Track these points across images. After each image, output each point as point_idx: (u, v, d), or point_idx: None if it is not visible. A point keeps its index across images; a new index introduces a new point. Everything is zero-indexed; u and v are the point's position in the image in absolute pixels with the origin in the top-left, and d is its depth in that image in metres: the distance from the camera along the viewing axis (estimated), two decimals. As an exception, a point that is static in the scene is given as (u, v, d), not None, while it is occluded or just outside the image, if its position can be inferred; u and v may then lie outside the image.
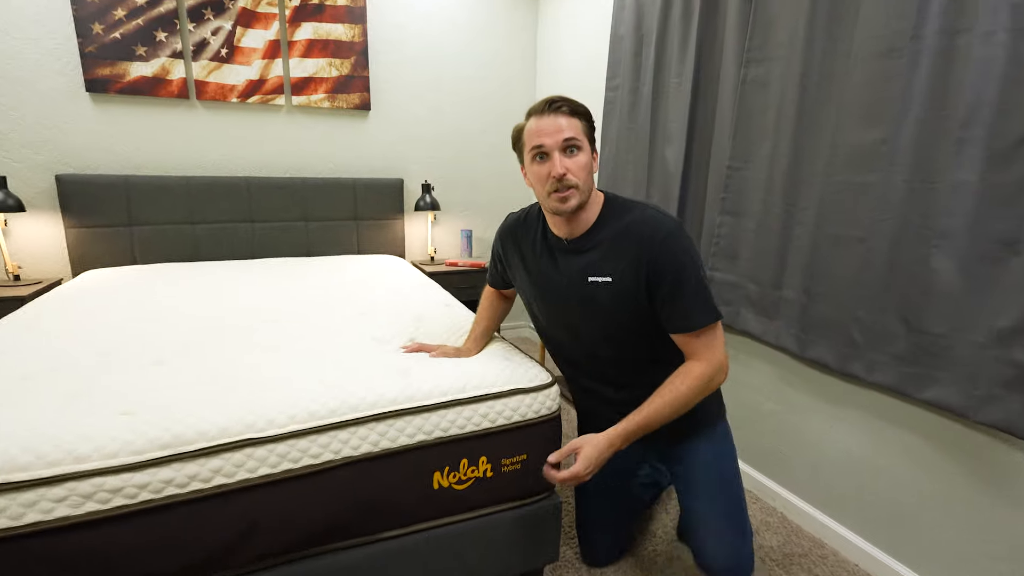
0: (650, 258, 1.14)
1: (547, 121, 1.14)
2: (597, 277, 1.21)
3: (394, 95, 3.00)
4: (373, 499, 1.14)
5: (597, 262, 1.21)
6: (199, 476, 0.98)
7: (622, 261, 1.17)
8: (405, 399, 1.16)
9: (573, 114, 1.15)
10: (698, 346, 1.17)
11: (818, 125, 1.59)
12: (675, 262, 1.14)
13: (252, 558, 1.05)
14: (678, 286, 1.14)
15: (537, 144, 1.15)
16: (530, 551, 1.35)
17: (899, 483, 1.49)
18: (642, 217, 1.18)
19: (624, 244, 1.18)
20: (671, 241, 1.14)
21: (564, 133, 1.13)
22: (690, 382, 1.16)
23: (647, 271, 1.15)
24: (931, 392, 1.35)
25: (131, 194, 2.50)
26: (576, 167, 1.14)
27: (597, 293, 1.21)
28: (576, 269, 1.24)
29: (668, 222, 1.16)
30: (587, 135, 1.16)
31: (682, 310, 1.16)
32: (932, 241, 1.33)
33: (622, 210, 1.22)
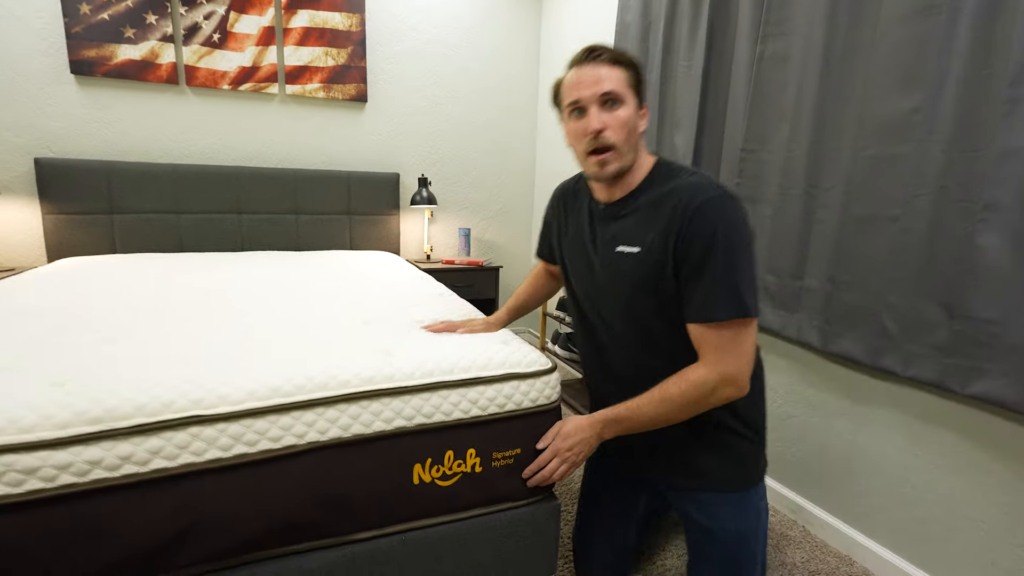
0: (681, 227, 0.97)
1: (585, 71, 1.00)
2: (625, 246, 1.06)
3: (391, 87, 2.91)
4: (342, 493, 0.98)
5: (629, 230, 1.06)
6: (134, 458, 0.84)
7: (653, 230, 1.01)
8: (383, 378, 1.02)
9: (615, 63, 1.00)
10: (708, 344, 0.97)
11: (844, 98, 1.47)
12: (707, 234, 0.95)
13: (194, 560, 0.90)
14: (703, 262, 0.95)
15: (573, 98, 1.01)
16: (523, 561, 1.18)
17: (940, 492, 1.33)
18: (685, 183, 1.01)
19: (659, 212, 1.01)
20: (708, 209, 0.95)
21: (602, 85, 0.98)
22: (683, 387, 0.98)
23: (675, 242, 0.98)
24: (979, 386, 1.20)
25: (113, 181, 2.39)
26: (615, 123, 0.99)
27: (623, 264, 1.06)
28: (608, 237, 1.10)
29: (711, 188, 0.98)
30: (632, 87, 1.01)
31: (700, 293, 0.96)
32: (977, 215, 1.19)
33: (670, 175, 1.05)
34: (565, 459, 1.09)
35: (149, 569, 0.87)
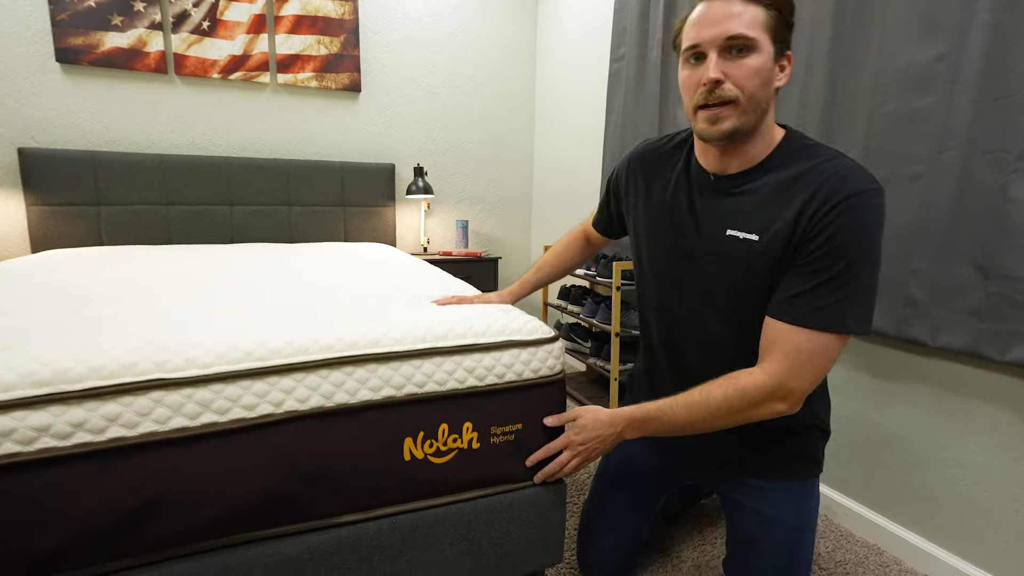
0: (817, 219, 0.79)
1: (714, 7, 0.81)
2: (739, 231, 0.87)
3: (386, 77, 2.84)
4: (325, 469, 0.89)
5: (746, 212, 0.88)
6: (87, 425, 0.74)
7: (780, 218, 0.83)
8: (368, 343, 0.92)
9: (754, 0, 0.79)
10: (781, 348, 0.81)
11: (858, 55, 1.39)
12: (844, 229, 0.78)
13: (158, 542, 0.80)
14: (825, 259, 0.79)
15: (693, 41, 0.82)
16: (526, 549, 1.08)
17: (981, 471, 1.23)
18: (830, 168, 0.82)
19: (790, 194, 0.83)
20: (857, 204, 0.78)
21: (729, 25, 0.79)
22: (728, 391, 0.84)
23: (803, 234, 0.81)
24: (1018, 351, 1.10)
25: (99, 171, 2.31)
26: (742, 73, 0.79)
27: (733, 251, 0.88)
28: (716, 214, 0.91)
29: (862, 180, 0.80)
30: (770, 30, 0.80)
31: (801, 291, 0.80)
32: (1012, 165, 1.11)
33: (804, 152, 0.86)
34: (577, 453, 0.98)
35: (105, 552, 0.77)
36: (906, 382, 1.36)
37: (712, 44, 0.81)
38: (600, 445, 0.97)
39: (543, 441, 1.05)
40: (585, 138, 2.72)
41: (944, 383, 1.28)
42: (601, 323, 2.14)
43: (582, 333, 2.40)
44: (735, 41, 0.79)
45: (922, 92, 1.25)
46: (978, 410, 1.22)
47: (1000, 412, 1.18)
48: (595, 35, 2.62)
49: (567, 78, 2.87)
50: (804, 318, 0.79)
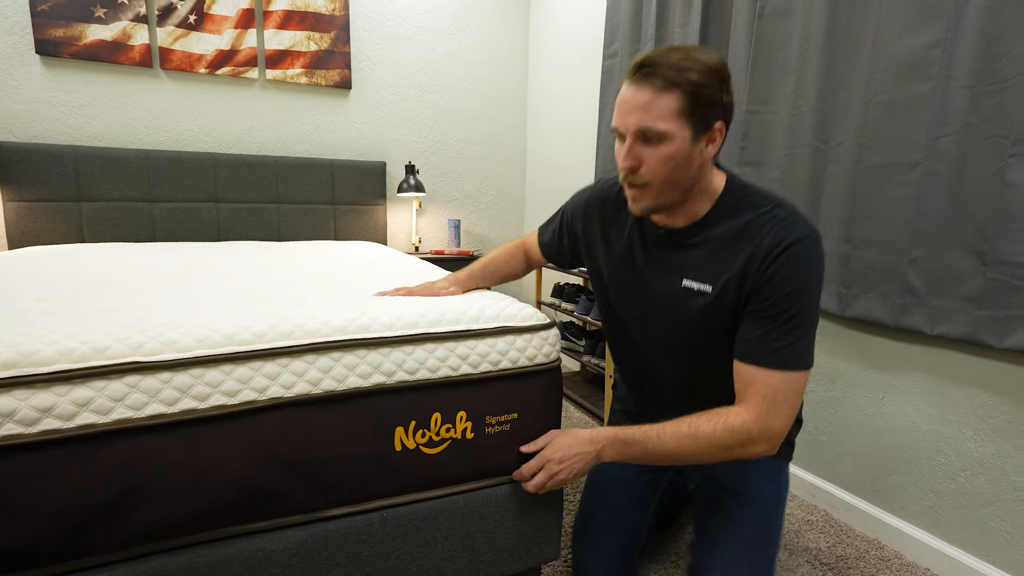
0: (763, 267, 0.85)
1: (630, 95, 0.83)
2: (694, 283, 0.93)
3: (377, 74, 2.81)
4: (311, 460, 0.84)
5: (698, 263, 0.93)
6: (56, 410, 0.70)
7: (729, 268, 0.89)
8: (356, 328, 0.89)
9: (668, 86, 0.79)
10: (759, 391, 0.86)
11: (852, 45, 1.39)
12: (791, 281, 0.84)
13: (132, 537, 0.75)
14: (779, 307, 0.85)
15: (614, 123, 0.87)
16: (521, 545, 1.05)
17: (981, 460, 1.21)
18: (770, 218, 0.86)
19: (737, 247, 0.88)
20: (797, 255, 0.84)
21: (639, 119, 0.82)
22: (717, 429, 0.86)
23: (752, 284, 0.87)
24: (1017, 337, 1.09)
25: (80, 166, 2.25)
26: (653, 161, 0.83)
27: (689, 301, 0.94)
28: (671, 267, 0.96)
29: (800, 229, 0.85)
30: (687, 115, 0.81)
31: (762, 336, 0.85)
32: (1009, 150, 1.10)
33: (745, 203, 0.90)
34: (553, 473, 0.94)
35: (76, 546, 0.73)
36: (904, 372, 1.34)
37: (627, 131, 0.84)
38: (579, 463, 0.94)
39: (540, 432, 1.02)
40: (578, 136, 2.71)
41: (942, 372, 1.27)
42: (596, 320, 2.11)
43: (576, 331, 2.37)
44: (646, 132, 0.82)
45: (917, 79, 1.24)
46: (977, 398, 1.20)
47: (999, 399, 1.17)
48: (588, 32, 2.61)
49: (560, 76, 2.86)
50: (772, 360, 0.85)
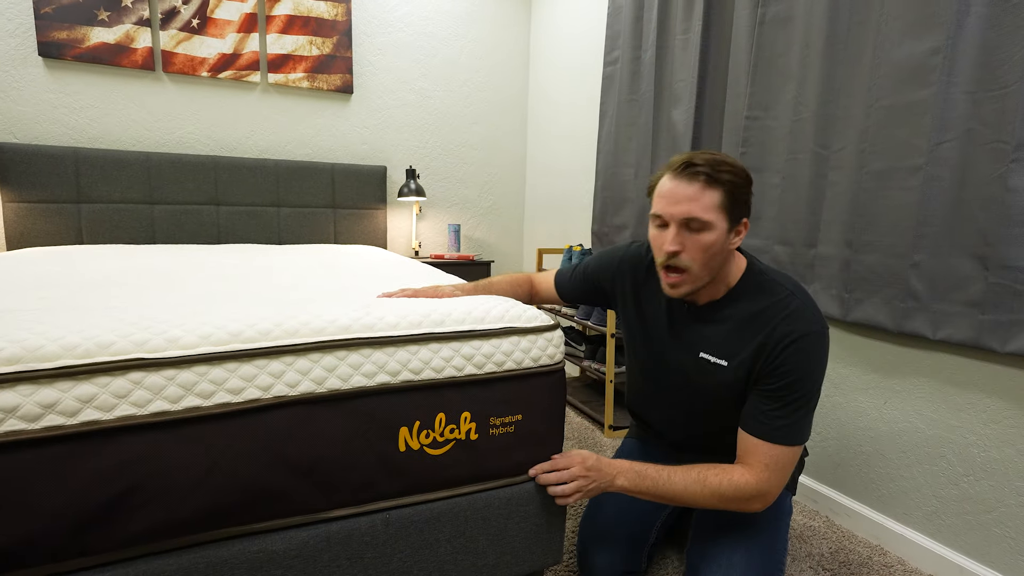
0: (772, 355, 0.96)
1: (677, 188, 0.94)
2: (711, 356, 1.04)
3: (378, 79, 2.83)
4: (315, 460, 0.84)
5: (716, 340, 1.04)
6: (59, 407, 0.69)
7: (743, 350, 1.00)
8: (361, 327, 0.88)
9: (711, 183, 0.92)
10: (760, 460, 0.97)
11: (853, 51, 1.40)
12: (798, 369, 0.95)
13: (134, 536, 0.74)
14: (784, 391, 0.96)
15: (658, 212, 0.97)
16: (525, 548, 1.04)
17: (984, 466, 1.21)
18: (783, 308, 0.98)
19: (752, 330, 0.99)
20: (805, 347, 0.95)
21: (688, 208, 0.92)
22: (724, 483, 0.97)
23: (763, 367, 0.98)
24: (1020, 341, 1.09)
25: (81, 168, 2.25)
26: (695, 248, 0.95)
27: (706, 372, 1.05)
28: (692, 339, 1.08)
29: (810, 323, 0.96)
30: (726, 209, 0.94)
31: (768, 412, 0.97)
32: (1010, 156, 1.10)
33: (763, 289, 1.01)
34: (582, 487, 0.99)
35: (77, 546, 0.72)
36: (906, 377, 1.35)
37: (673, 219, 0.94)
38: (598, 483, 1.00)
39: (544, 434, 1.01)
40: (578, 142, 2.72)
41: (945, 377, 1.27)
42: (596, 325, 2.11)
43: (576, 336, 2.37)
44: (692, 222, 0.93)
45: (919, 85, 1.25)
46: (980, 403, 1.21)
47: (1003, 404, 1.17)
48: (588, 39, 2.63)
49: (560, 82, 2.87)
50: (774, 436, 0.96)
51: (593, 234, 2.48)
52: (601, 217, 2.42)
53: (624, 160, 2.28)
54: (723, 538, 1.07)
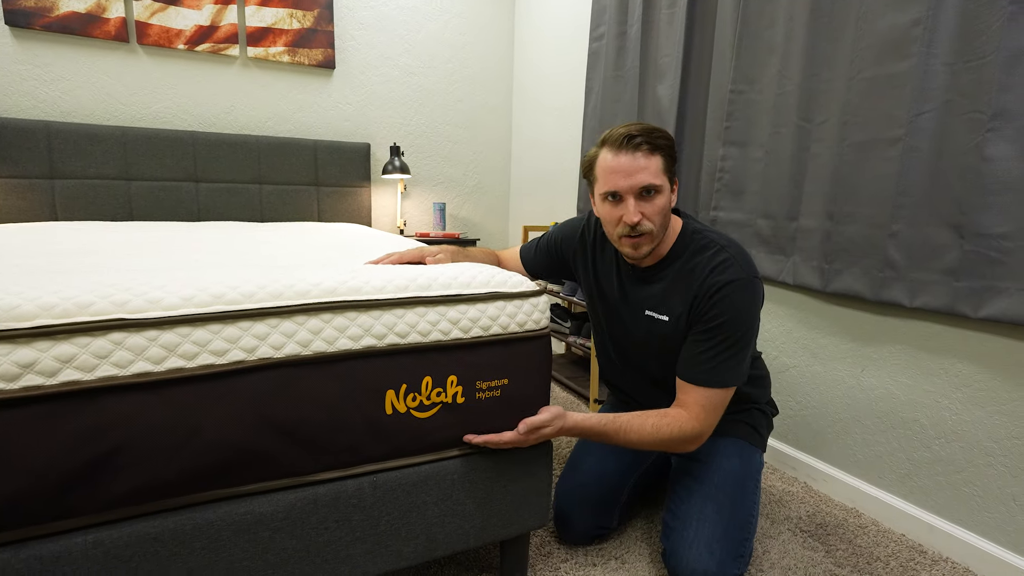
0: (702, 302, 1.05)
1: (624, 160, 1.00)
2: (654, 312, 1.13)
3: (361, 54, 2.77)
4: (301, 422, 0.84)
5: (658, 296, 1.13)
6: (37, 366, 0.68)
7: (680, 303, 1.09)
8: (347, 290, 0.88)
9: (653, 150, 1.00)
10: (697, 403, 1.05)
11: (837, 23, 1.41)
12: (723, 313, 1.03)
13: (118, 498, 0.74)
14: (710, 334, 1.04)
15: (611, 189, 1.03)
16: (511, 510, 1.05)
17: (955, 428, 1.25)
18: (711, 261, 1.06)
19: (686, 283, 1.08)
20: (729, 291, 1.03)
21: (642, 177, 1.00)
22: (674, 430, 1.03)
23: (695, 315, 1.06)
24: (992, 307, 1.13)
25: (53, 142, 2.18)
26: (652, 212, 1.02)
27: (652, 328, 1.14)
28: (638, 298, 1.16)
29: (739, 271, 1.04)
30: (667, 171, 1.03)
31: (705, 359, 1.04)
32: (985, 125, 1.13)
33: (696, 247, 1.10)
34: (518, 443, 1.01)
35: (58, 507, 0.71)
36: (883, 345, 1.38)
37: (629, 192, 1.01)
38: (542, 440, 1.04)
39: (530, 397, 1.02)
40: (564, 119, 2.71)
41: (920, 344, 1.30)
42: (581, 301, 2.12)
43: (561, 313, 2.38)
44: (647, 189, 1.01)
45: (899, 56, 1.27)
46: (953, 368, 1.24)
47: (974, 368, 1.21)
48: (574, 15, 2.60)
49: (546, 59, 2.85)
50: (706, 380, 1.04)
51: (578, 211, 2.48)
52: (586, 194, 2.42)
53: (610, 137, 2.27)
54: (696, 496, 1.11)
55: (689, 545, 1.04)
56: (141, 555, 0.76)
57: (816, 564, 1.20)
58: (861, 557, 1.23)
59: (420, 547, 0.97)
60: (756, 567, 1.18)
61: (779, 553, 1.24)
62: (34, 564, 0.71)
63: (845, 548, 1.26)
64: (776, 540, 1.29)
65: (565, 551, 1.22)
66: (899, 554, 1.25)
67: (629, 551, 1.22)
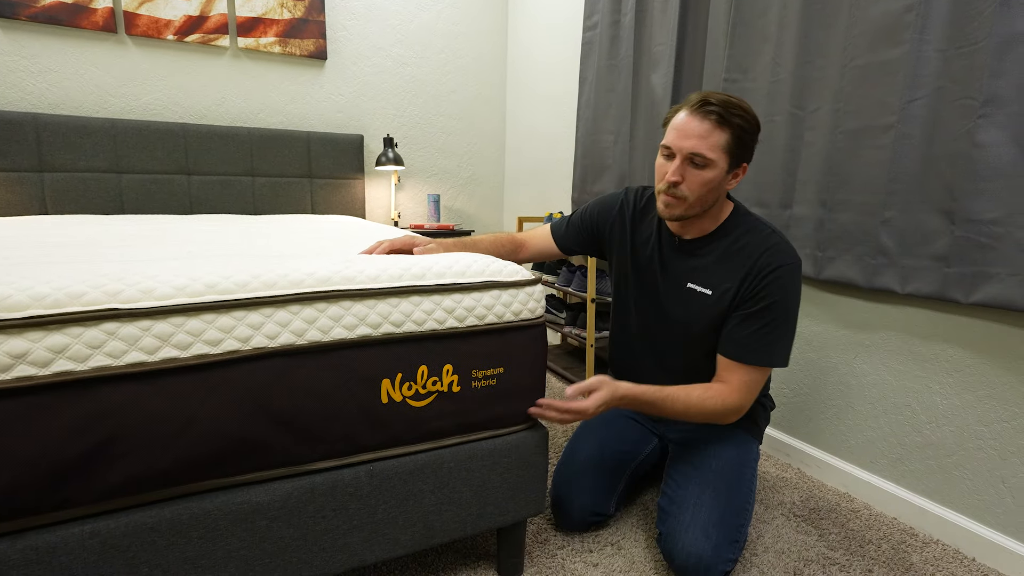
0: (755, 282, 1.07)
1: (688, 122, 1.02)
2: (697, 286, 1.14)
3: (353, 45, 2.75)
4: (297, 411, 0.84)
5: (702, 271, 1.14)
6: (30, 357, 0.68)
7: (728, 279, 1.10)
8: (342, 279, 0.88)
9: (721, 123, 1.01)
10: (740, 379, 1.08)
11: (832, 7, 1.41)
12: (773, 294, 1.05)
13: (113, 488, 0.74)
14: (760, 314, 1.06)
15: (667, 143, 1.05)
16: (508, 499, 1.06)
17: (946, 413, 1.26)
18: (764, 242, 1.09)
19: (735, 261, 1.10)
20: (782, 274, 1.06)
21: (694, 145, 1.01)
22: (717, 404, 1.07)
23: (744, 293, 1.08)
24: (983, 292, 1.14)
25: (42, 135, 2.16)
26: (695, 182, 1.04)
27: (692, 301, 1.14)
28: (680, 270, 1.17)
29: (789, 256, 1.08)
30: (728, 151, 1.02)
31: (744, 337, 1.07)
32: (977, 112, 1.13)
33: (747, 228, 1.12)
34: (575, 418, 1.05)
35: (53, 499, 0.71)
36: (876, 331, 1.39)
37: (679, 152, 1.03)
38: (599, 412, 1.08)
39: (527, 386, 1.03)
40: (558, 110, 2.70)
41: (912, 330, 1.31)
42: (577, 291, 2.13)
43: (557, 304, 2.38)
44: (696, 158, 1.01)
45: (892, 43, 1.27)
46: (944, 353, 1.26)
47: (965, 353, 1.22)
48: (567, 3, 2.59)
49: (540, 48, 2.83)
50: (753, 358, 1.07)
51: (573, 201, 2.48)
52: (581, 184, 2.42)
53: (604, 127, 2.27)
54: (693, 482, 1.12)
55: (686, 529, 1.05)
56: (138, 545, 0.76)
57: (809, 548, 1.22)
58: (854, 540, 1.25)
59: (417, 535, 0.98)
60: (750, 551, 1.20)
61: (773, 537, 1.25)
62: (30, 555, 0.71)
63: (838, 532, 1.28)
64: (770, 525, 1.30)
65: (562, 538, 1.23)
66: (891, 537, 1.27)
67: (625, 537, 1.24)
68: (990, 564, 1.17)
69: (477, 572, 1.13)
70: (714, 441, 1.19)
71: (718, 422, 1.10)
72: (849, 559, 1.18)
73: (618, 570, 1.13)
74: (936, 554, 1.21)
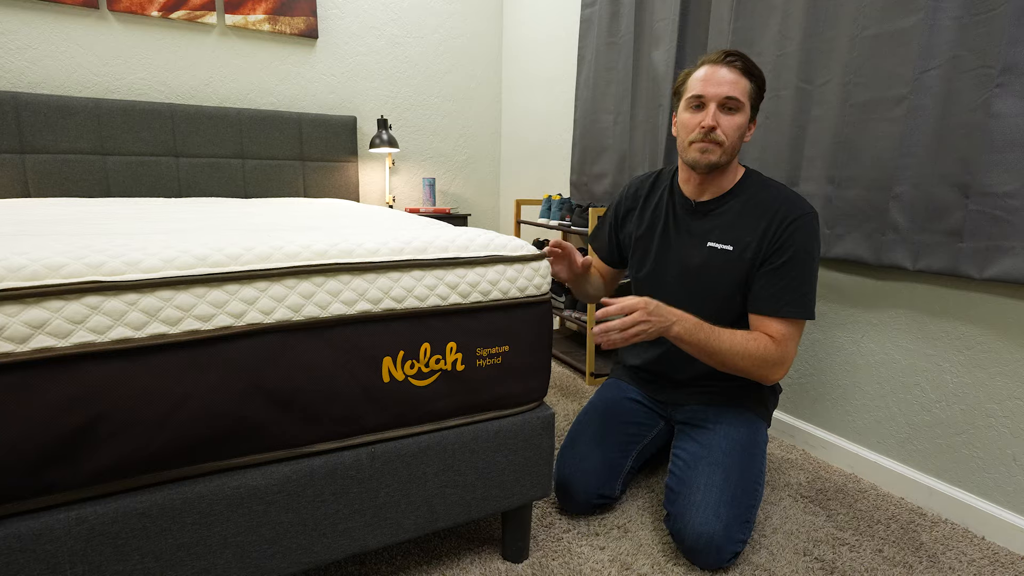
0: (776, 234, 1.09)
1: (718, 72, 1.08)
2: (718, 243, 1.15)
3: (345, 23, 2.67)
4: (294, 391, 0.80)
5: (722, 228, 1.15)
6: (6, 332, 0.63)
7: (748, 233, 1.12)
8: (339, 253, 0.83)
9: (746, 73, 1.08)
10: (776, 331, 1.08)
11: (841, -21, 1.36)
12: (797, 244, 1.08)
13: (101, 471, 0.70)
14: (787, 266, 1.08)
15: (698, 92, 1.09)
16: (513, 481, 1.03)
17: (956, 391, 1.24)
18: (781, 195, 1.13)
19: (754, 215, 1.12)
20: (804, 223, 1.09)
21: (727, 90, 1.06)
22: (760, 350, 1.05)
23: (768, 246, 1.10)
24: (998, 267, 1.11)
25: (23, 115, 2.08)
26: (729, 126, 1.08)
27: (713, 259, 1.15)
28: (698, 231, 1.18)
29: (807, 206, 1.11)
30: (752, 99, 1.10)
31: (776, 291, 1.08)
32: (994, 80, 1.10)
33: (761, 184, 1.16)
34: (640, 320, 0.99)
35: (38, 482, 0.67)
36: (884, 310, 1.37)
37: (713, 99, 1.08)
38: (657, 326, 1.01)
39: (531, 365, 0.99)
40: (556, 90, 2.64)
41: (921, 307, 1.29)
42: (576, 274, 2.09)
43: (556, 287, 2.35)
44: (730, 102, 1.07)
45: (906, 11, 1.23)
46: (955, 331, 1.23)
47: (977, 330, 1.20)
48: (565, -19, 2.52)
49: (536, 27, 2.77)
50: (784, 311, 1.08)
51: (572, 184, 2.44)
52: (580, 166, 2.38)
53: (603, 107, 2.22)
54: (703, 462, 1.10)
55: (697, 509, 1.03)
56: (128, 531, 0.73)
57: (818, 528, 1.20)
58: (862, 521, 1.23)
59: (421, 519, 0.95)
60: (759, 532, 1.18)
61: (781, 518, 1.23)
62: (13, 543, 0.67)
63: (846, 512, 1.26)
64: (777, 506, 1.28)
65: (567, 521, 1.21)
66: (899, 517, 1.25)
67: (632, 520, 1.21)
68: (1000, 543, 1.16)
69: (481, 557, 1.10)
70: (724, 422, 1.17)
71: (757, 374, 1.06)
72: (859, 539, 1.17)
73: (625, 553, 1.11)
74: (945, 533, 1.20)
